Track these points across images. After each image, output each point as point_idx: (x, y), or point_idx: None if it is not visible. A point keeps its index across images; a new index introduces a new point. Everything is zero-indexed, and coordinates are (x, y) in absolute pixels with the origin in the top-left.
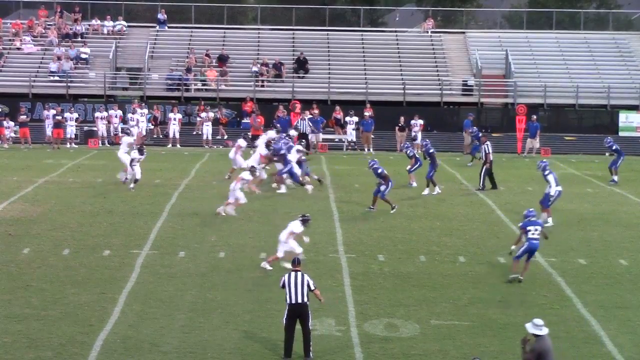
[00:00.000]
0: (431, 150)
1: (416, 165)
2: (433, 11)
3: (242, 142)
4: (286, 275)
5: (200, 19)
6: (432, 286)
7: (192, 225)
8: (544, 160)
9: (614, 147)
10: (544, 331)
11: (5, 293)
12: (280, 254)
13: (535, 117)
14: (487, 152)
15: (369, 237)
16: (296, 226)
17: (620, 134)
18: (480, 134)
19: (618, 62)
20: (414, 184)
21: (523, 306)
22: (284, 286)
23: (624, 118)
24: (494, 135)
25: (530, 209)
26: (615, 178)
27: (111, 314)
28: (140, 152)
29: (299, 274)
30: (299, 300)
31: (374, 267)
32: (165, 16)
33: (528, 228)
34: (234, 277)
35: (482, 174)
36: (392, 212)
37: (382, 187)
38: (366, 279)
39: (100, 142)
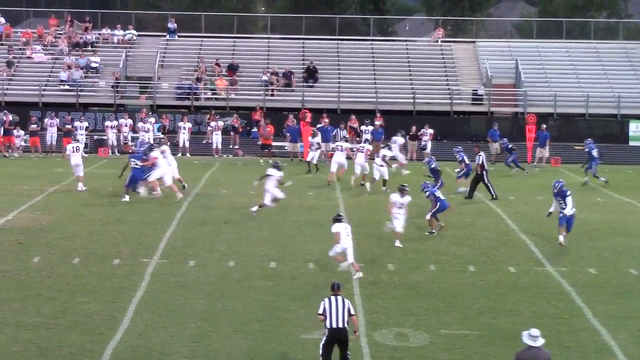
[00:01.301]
0: (433, 165)
1: (464, 171)
2: (443, 20)
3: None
4: (326, 300)
5: (211, 28)
6: (442, 295)
7: (202, 234)
8: (560, 180)
9: (586, 149)
10: (538, 342)
11: (15, 302)
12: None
13: (544, 126)
14: (479, 162)
15: (378, 246)
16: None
17: (631, 143)
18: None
19: (628, 71)
20: (462, 189)
21: (533, 316)
22: (324, 311)
23: (634, 127)
24: None
25: None
26: (586, 179)
27: (121, 322)
28: (277, 168)
29: (339, 298)
30: (340, 325)
31: (383, 277)
32: (176, 25)
33: None
34: (244, 286)
35: (487, 183)
36: (428, 233)
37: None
38: (376, 288)
39: (110, 151)
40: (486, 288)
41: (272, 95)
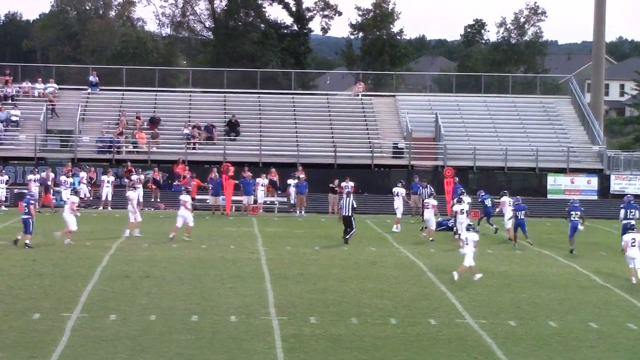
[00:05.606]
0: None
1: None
2: (364, 74)
3: (74, 199)
4: None
5: (132, 82)
6: (363, 348)
7: (123, 287)
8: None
9: (479, 199)
10: None
11: None
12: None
13: (457, 179)
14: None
15: (300, 299)
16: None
17: (549, 196)
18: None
19: (546, 125)
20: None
21: None
22: None
23: (552, 181)
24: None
25: None
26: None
27: None
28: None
29: None
30: None
31: (305, 330)
32: (97, 78)
33: None
34: (165, 340)
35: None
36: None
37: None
38: (298, 342)
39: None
40: (407, 341)
41: (194, 148)
